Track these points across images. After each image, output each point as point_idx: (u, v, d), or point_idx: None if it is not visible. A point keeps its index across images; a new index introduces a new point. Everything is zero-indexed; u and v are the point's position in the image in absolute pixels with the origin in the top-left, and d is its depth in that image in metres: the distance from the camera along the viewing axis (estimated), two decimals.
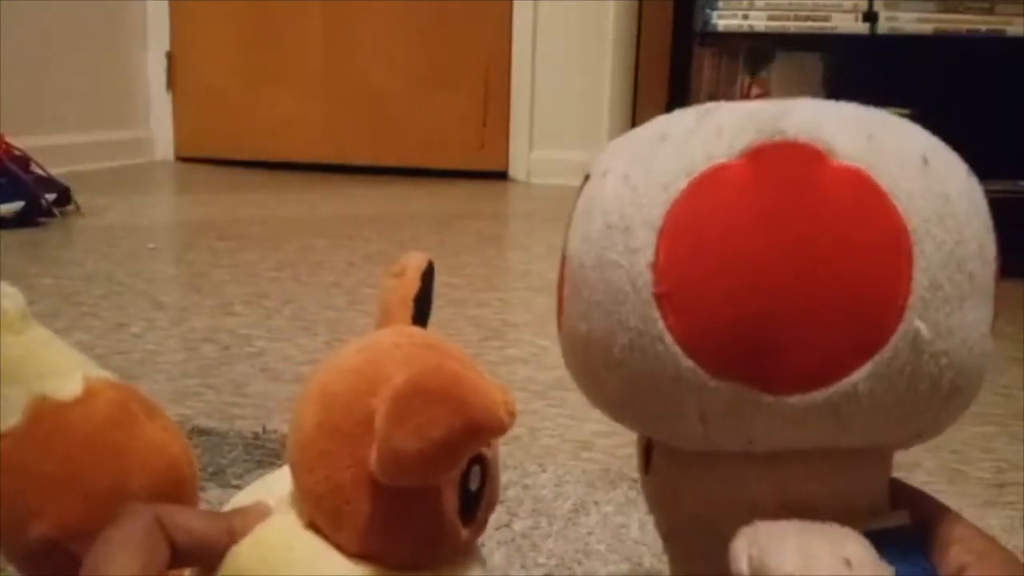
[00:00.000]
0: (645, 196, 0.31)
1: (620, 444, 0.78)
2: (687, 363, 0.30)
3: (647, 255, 0.31)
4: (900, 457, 0.36)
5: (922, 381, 0.30)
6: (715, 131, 0.31)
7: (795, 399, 0.30)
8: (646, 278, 0.30)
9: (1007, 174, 1.67)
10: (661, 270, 0.30)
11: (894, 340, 0.29)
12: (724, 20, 1.91)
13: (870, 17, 1.82)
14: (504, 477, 0.68)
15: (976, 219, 0.31)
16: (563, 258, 0.35)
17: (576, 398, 0.94)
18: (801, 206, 0.29)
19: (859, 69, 1.90)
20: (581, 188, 0.36)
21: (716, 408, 0.31)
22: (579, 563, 0.57)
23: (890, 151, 0.30)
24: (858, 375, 0.29)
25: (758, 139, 0.30)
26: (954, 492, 0.71)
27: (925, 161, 0.30)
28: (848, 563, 0.26)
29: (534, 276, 1.48)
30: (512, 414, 0.29)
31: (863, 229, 0.29)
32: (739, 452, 0.32)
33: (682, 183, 0.31)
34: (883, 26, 1.82)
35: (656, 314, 0.30)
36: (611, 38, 2.65)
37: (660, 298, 0.30)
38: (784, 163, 0.30)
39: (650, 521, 0.62)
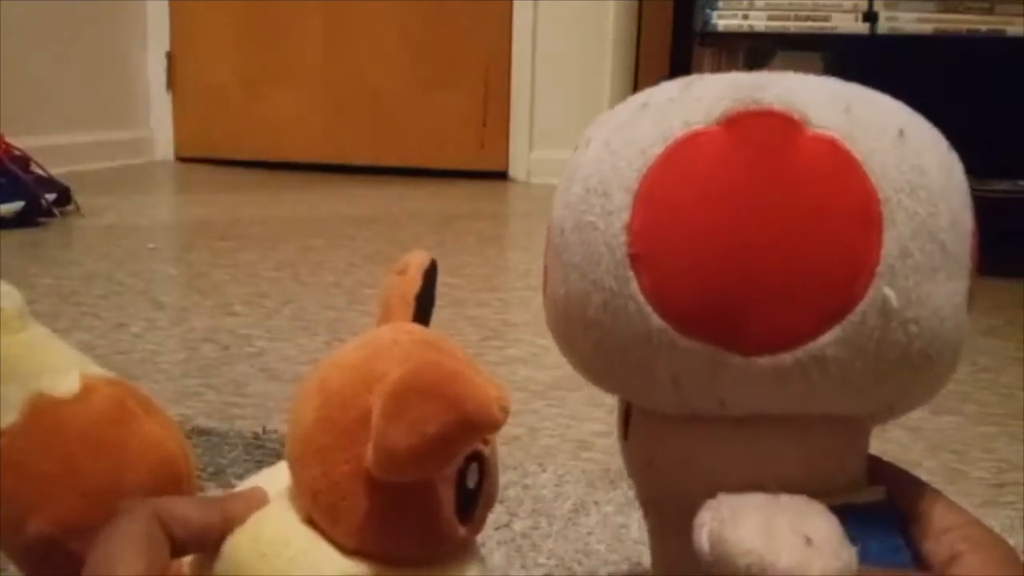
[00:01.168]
0: (623, 160, 0.32)
1: None
2: (658, 323, 0.31)
3: (623, 217, 0.31)
4: (900, 457, 0.36)
5: (891, 348, 0.30)
6: (694, 99, 0.32)
7: (764, 360, 0.30)
8: (621, 239, 0.31)
9: (1007, 174, 1.67)
10: (636, 232, 0.31)
11: (862, 306, 0.29)
12: (724, 20, 1.90)
13: (870, 17, 1.82)
14: (504, 477, 0.68)
15: (952, 192, 0.31)
16: (548, 227, 0.36)
17: (576, 398, 0.94)
18: (774, 172, 0.30)
19: (859, 69, 1.90)
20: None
21: (687, 369, 0.31)
22: (579, 563, 0.57)
23: (866, 122, 0.31)
24: (826, 339, 0.30)
25: (734, 107, 0.31)
26: (954, 492, 0.70)
27: (901, 133, 0.31)
28: (809, 541, 0.26)
29: (534, 276, 1.47)
30: (506, 410, 0.29)
31: (834, 196, 0.30)
32: (713, 416, 0.33)
33: (659, 148, 0.32)
34: (883, 26, 1.82)
35: (630, 274, 0.31)
36: (611, 38, 2.65)
37: (634, 259, 0.31)
38: (759, 130, 0.31)
39: None
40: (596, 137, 0.35)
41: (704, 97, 0.32)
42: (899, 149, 0.30)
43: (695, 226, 0.30)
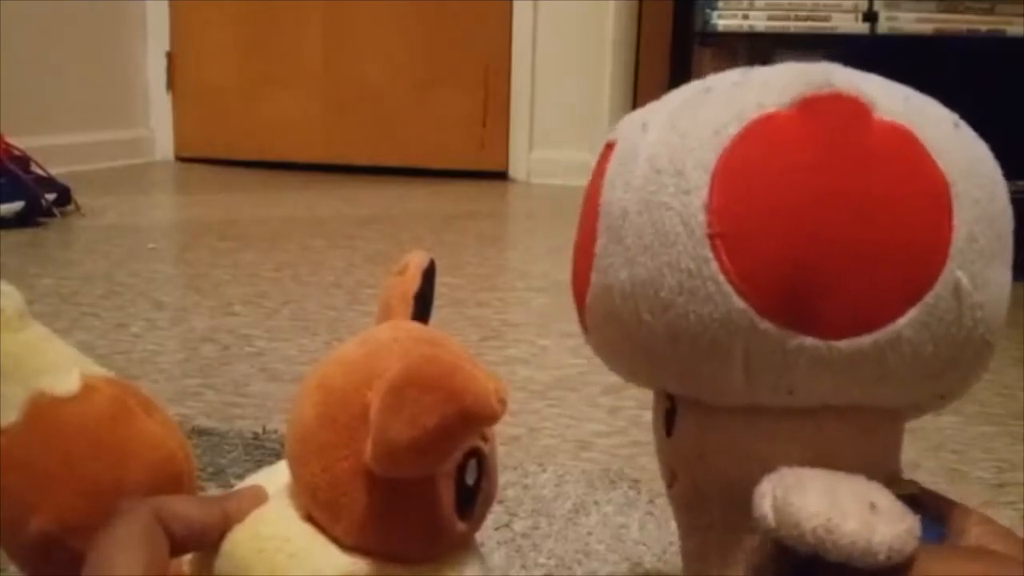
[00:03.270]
0: (695, 140, 0.32)
1: (620, 444, 0.78)
2: (739, 304, 0.30)
3: (701, 196, 0.31)
4: (900, 457, 0.36)
5: (960, 331, 0.31)
6: (762, 84, 0.32)
7: (843, 344, 0.30)
8: (699, 219, 0.31)
9: (1007, 174, 1.67)
10: (715, 210, 0.31)
11: (938, 287, 0.30)
12: (724, 20, 1.91)
13: (870, 17, 1.82)
14: (504, 477, 0.68)
15: (1000, 184, 0.32)
16: (590, 214, 0.35)
17: (576, 398, 0.94)
18: (851, 155, 0.30)
19: (859, 69, 1.90)
20: (604, 155, 0.36)
21: (762, 352, 0.31)
22: (579, 563, 0.57)
23: (926, 112, 0.32)
24: (904, 320, 0.30)
25: (807, 90, 0.31)
26: (954, 492, 0.70)
27: (956, 125, 0.32)
28: (873, 507, 0.26)
29: (534, 276, 1.48)
30: (504, 402, 0.29)
31: (909, 179, 0.30)
32: (774, 408, 0.32)
33: (734, 128, 0.31)
34: (883, 26, 1.82)
35: (709, 254, 0.31)
36: (611, 38, 2.65)
37: (714, 238, 0.30)
38: (833, 113, 0.31)
39: (650, 521, 0.62)
40: (654, 120, 0.34)
41: (774, 81, 0.32)
42: (957, 139, 0.31)
43: (775, 206, 0.30)
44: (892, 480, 0.34)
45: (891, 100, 0.31)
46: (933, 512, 0.33)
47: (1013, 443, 0.82)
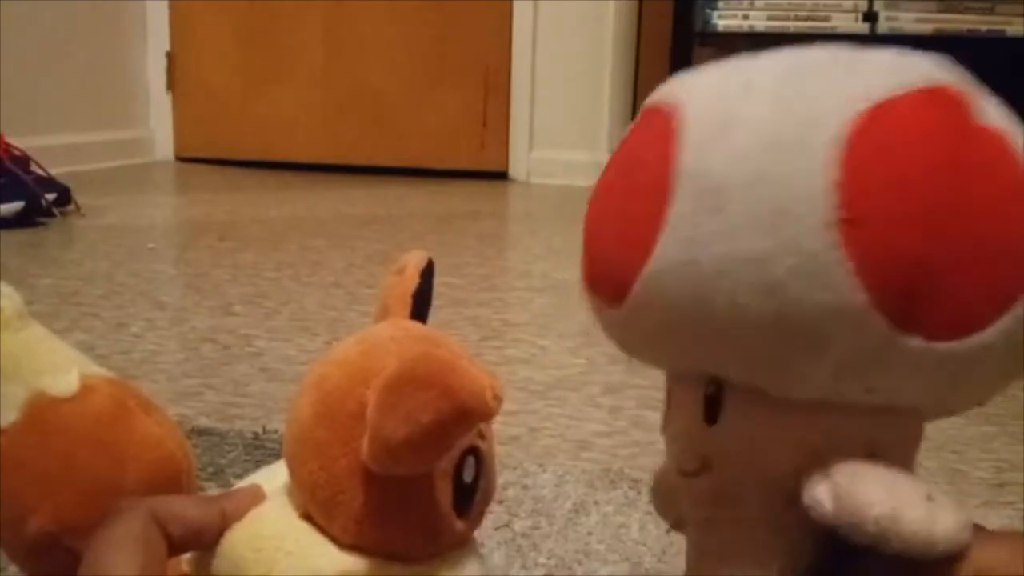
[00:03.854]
0: (822, 114, 0.30)
1: (620, 444, 0.78)
2: (857, 296, 0.28)
3: (830, 175, 0.29)
4: None
5: None
6: (882, 64, 0.31)
7: (941, 347, 0.29)
8: (829, 199, 0.28)
9: None
10: (847, 192, 0.29)
11: None
12: (724, 20, 1.91)
13: (870, 17, 1.82)
14: (504, 477, 0.68)
15: None
16: (664, 179, 0.32)
17: (576, 398, 0.94)
18: (976, 150, 0.29)
19: None
20: (652, 121, 0.34)
21: (862, 348, 0.29)
22: (579, 563, 0.57)
23: (1015, 120, 0.31)
24: (996, 326, 0.29)
25: (930, 79, 0.30)
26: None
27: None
28: (931, 498, 0.26)
29: (534, 276, 1.48)
30: (498, 399, 0.29)
31: (1014, 183, 0.30)
32: (842, 403, 0.31)
33: (863, 106, 0.29)
34: (883, 26, 1.82)
35: (838, 238, 0.28)
36: (611, 38, 2.65)
37: (843, 223, 0.28)
38: (959, 107, 0.30)
39: (650, 521, 0.62)
40: (762, 86, 0.31)
41: (891, 64, 0.30)
42: None
43: (907, 194, 0.28)
44: None
45: (989, 106, 0.31)
46: None
47: (1013, 443, 0.82)
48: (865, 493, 0.26)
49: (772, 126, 0.30)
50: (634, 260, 0.33)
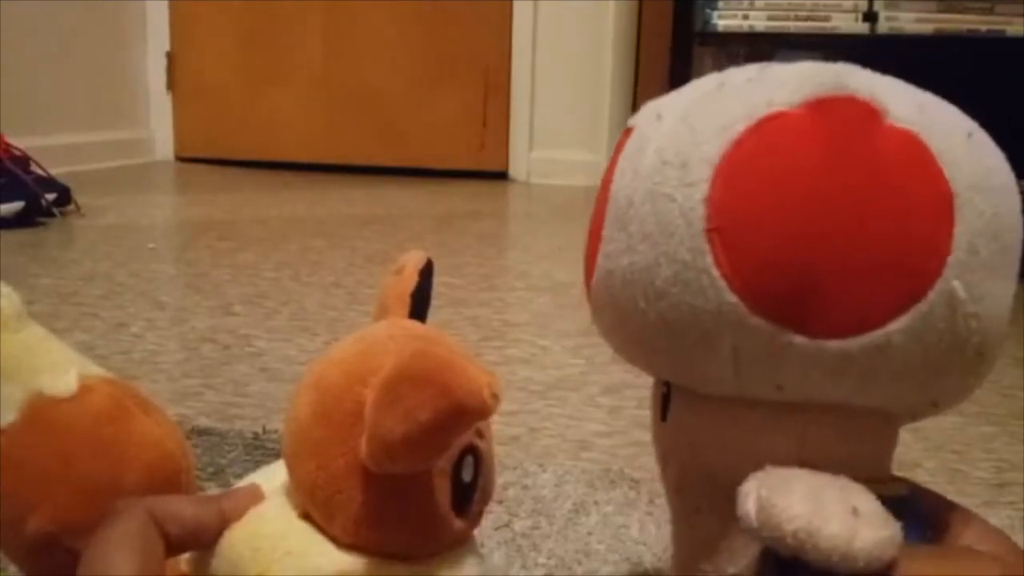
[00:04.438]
0: (703, 135, 0.32)
1: (620, 444, 0.78)
2: (730, 298, 0.31)
3: (702, 190, 0.31)
4: (900, 457, 0.36)
5: (952, 341, 0.31)
6: (776, 82, 0.32)
7: (832, 344, 0.30)
8: (699, 212, 0.31)
9: None
10: (715, 205, 0.31)
11: (932, 295, 0.30)
12: (724, 20, 1.91)
13: (870, 17, 1.82)
14: (504, 477, 0.68)
15: (1011, 196, 0.32)
16: (602, 197, 0.36)
17: (576, 398, 0.94)
18: (857, 158, 0.30)
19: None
20: (621, 141, 0.37)
21: (750, 347, 0.31)
22: (579, 563, 0.57)
23: (939, 121, 0.32)
24: (895, 326, 0.30)
25: (819, 91, 0.31)
26: (954, 492, 0.71)
27: (970, 135, 0.32)
28: (856, 511, 0.26)
29: (534, 276, 1.47)
30: (496, 397, 0.29)
31: (912, 187, 0.30)
32: (763, 401, 0.33)
33: (742, 125, 0.31)
34: (883, 26, 1.82)
35: (706, 247, 0.31)
36: (611, 38, 2.65)
37: (712, 233, 0.31)
38: (844, 115, 0.31)
39: (650, 521, 0.62)
40: (670, 112, 0.34)
41: (787, 80, 0.32)
42: (968, 149, 0.31)
43: (776, 203, 0.30)
44: (883, 479, 0.34)
45: (905, 107, 0.31)
46: (925, 512, 0.33)
47: (1013, 443, 0.82)
48: (786, 507, 0.26)
49: (666, 149, 0.33)
50: (588, 272, 0.37)
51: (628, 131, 0.37)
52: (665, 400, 0.37)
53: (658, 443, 0.39)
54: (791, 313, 0.30)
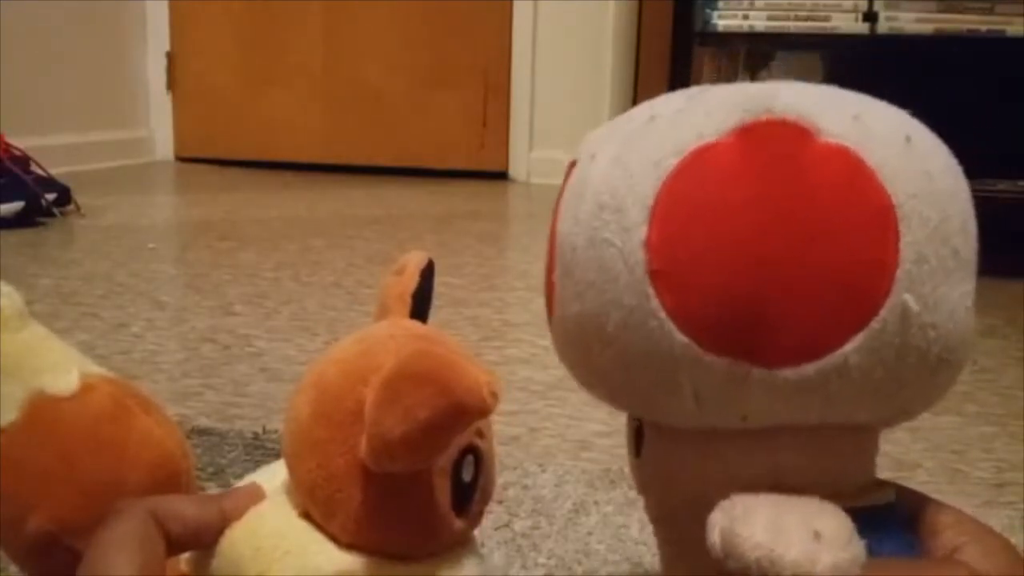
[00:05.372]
0: (636, 175, 0.32)
1: (620, 444, 0.78)
2: (681, 339, 0.30)
3: (640, 233, 0.31)
4: (900, 457, 0.36)
5: (911, 354, 0.30)
6: (704, 111, 0.32)
7: (787, 372, 0.30)
8: (639, 256, 0.31)
9: (1007, 174, 1.67)
10: (654, 248, 0.31)
11: (883, 313, 0.30)
12: (724, 20, 1.90)
13: (870, 17, 1.82)
14: (504, 477, 0.68)
15: (959, 196, 0.32)
16: (552, 242, 0.36)
17: (576, 398, 0.94)
18: (789, 183, 0.30)
19: (859, 69, 1.90)
20: (568, 174, 0.36)
21: (710, 384, 0.31)
22: (579, 563, 0.57)
23: (875, 130, 0.31)
24: (849, 347, 0.30)
25: (746, 118, 0.31)
26: (954, 492, 0.71)
27: (908, 140, 0.31)
28: (818, 535, 0.26)
29: (534, 276, 1.47)
30: (495, 396, 0.29)
31: (850, 205, 0.30)
32: (732, 430, 0.33)
33: (672, 162, 0.31)
34: (883, 26, 1.82)
35: (650, 291, 0.31)
36: (611, 38, 2.65)
37: (654, 275, 0.31)
38: (772, 140, 0.30)
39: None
40: (603, 151, 0.34)
41: (714, 109, 0.32)
42: (907, 156, 0.31)
43: (713, 239, 0.30)
44: (866, 488, 0.34)
45: (837, 120, 0.31)
46: (910, 517, 0.33)
47: (1013, 443, 0.82)
48: (748, 536, 0.27)
49: (602, 192, 0.33)
50: (548, 312, 0.37)
51: (572, 164, 0.36)
52: (638, 435, 0.37)
53: (635, 476, 0.39)
54: (744, 346, 0.30)
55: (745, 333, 0.30)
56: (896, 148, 0.31)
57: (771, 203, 0.30)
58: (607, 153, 0.34)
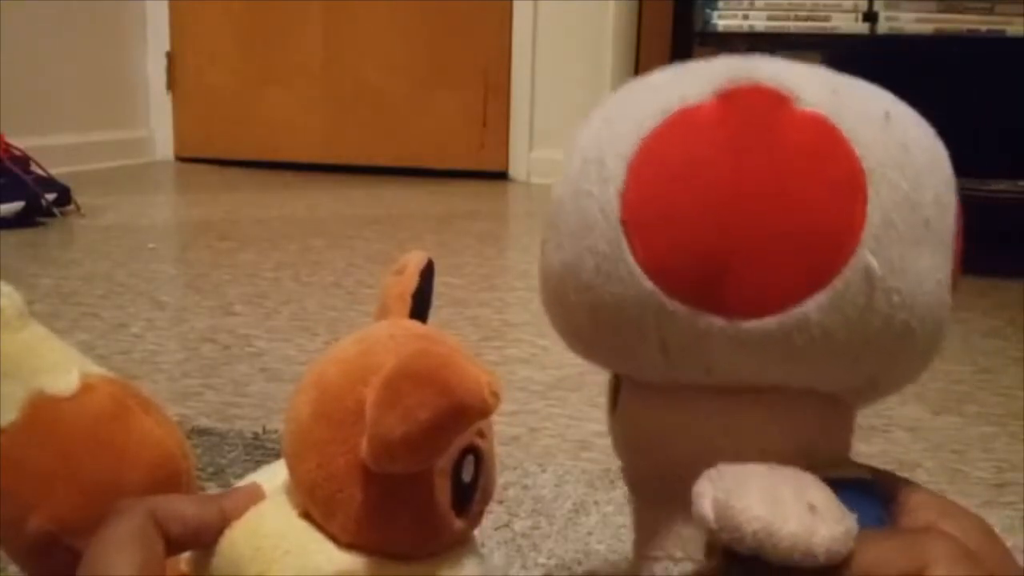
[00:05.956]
0: (620, 131, 0.33)
1: None
2: (648, 285, 0.32)
3: (617, 184, 0.33)
4: (900, 457, 0.36)
5: (874, 317, 0.31)
6: (692, 77, 0.34)
7: (750, 324, 0.31)
8: (614, 205, 0.33)
9: (1007, 174, 1.67)
10: (628, 198, 0.32)
11: (846, 272, 0.30)
12: (724, 20, 1.90)
13: (870, 17, 1.82)
14: (504, 477, 0.68)
15: (936, 172, 0.33)
16: (549, 203, 0.38)
17: (576, 398, 0.94)
18: (763, 143, 0.31)
19: (859, 69, 1.90)
20: None
21: (674, 333, 0.32)
22: (579, 563, 0.57)
23: (853, 103, 0.32)
24: (811, 303, 0.30)
25: (728, 83, 0.32)
26: (954, 492, 0.71)
27: (887, 116, 0.32)
28: (812, 508, 0.27)
29: (534, 276, 1.47)
30: (496, 395, 0.29)
31: (820, 166, 0.31)
32: (698, 386, 0.33)
33: (654, 121, 0.33)
34: (883, 26, 1.82)
35: (622, 239, 0.32)
36: (611, 38, 2.65)
37: (626, 224, 0.32)
38: (751, 104, 0.32)
39: None
40: (595, 115, 0.36)
41: (701, 75, 0.33)
42: (884, 129, 0.32)
43: (684, 191, 0.31)
44: (839, 463, 0.34)
45: (816, 92, 0.32)
46: (886, 493, 0.33)
47: (1013, 443, 0.82)
48: (743, 508, 0.27)
49: (588, 148, 0.34)
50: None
51: None
52: (615, 391, 0.38)
53: (611, 433, 0.40)
54: (707, 296, 0.31)
55: (709, 283, 0.31)
56: (873, 121, 0.32)
57: (743, 161, 0.31)
58: (598, 116, 0.36)
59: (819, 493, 0.28)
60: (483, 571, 0.35)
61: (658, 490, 0.36)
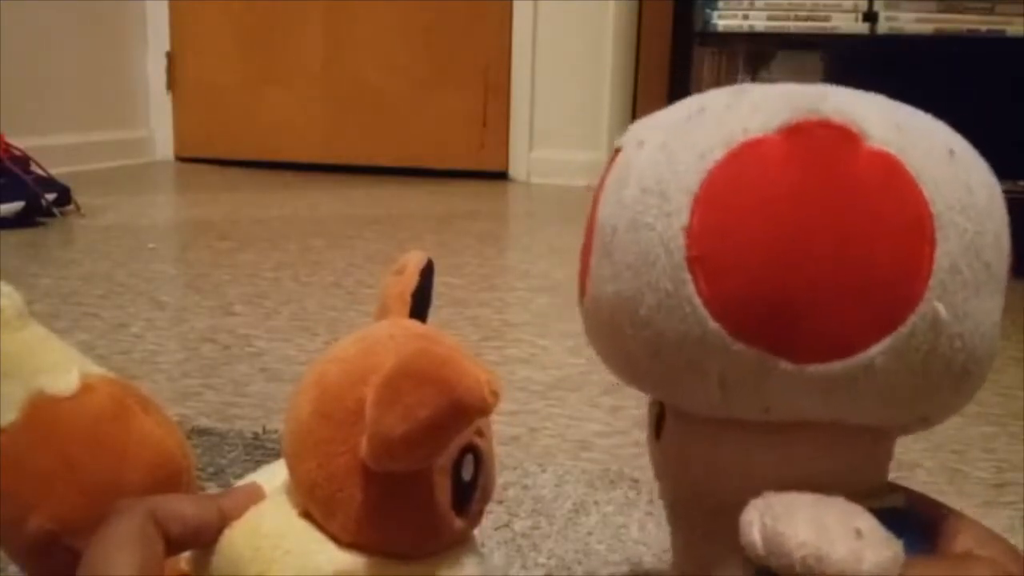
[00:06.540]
0: (682, 163, 0.32)
1: (620, 444, 0.78)
2: (713, 326, 0.31)
3: (682, 219, 0.32)
4: (900, 457, 0.36)
5: (937, 361, 0.31)
6: (751, 107, 0.33)
7: (814, 368, 0.30)
8: (679, 241, 0.32)
9: (1007, 174, 1.67)
10: (695, 234, 0.31)
11: (913, 318, 0.30)
12: (724, 20, 1.91)
13: (870, 17, 1.82)
14: (504, 477, 0.68)
15: (995, 212, 0.32)
16: (590, 226, 0.36)
17: (576, 398, 0.94)
18: (833, 183, 0.30)
19: (859, 69, 1.90)
20: (611, 161, 0.37)
21: (736, 372, 0.32)
22: (579, 563, 0.57)
23: (919, 140, 0.32)
24: (876, 349, 0.30)
25: (795, 117, 0.31)
26: (954, 492, 0.71)
27: (951, 153, 0.32)
28: (859, 533, 0.27)
29: (534, 276, 1.47)
30: (495, 394, 0.29)
31: (890, 210, 0.30)
32: (753, 421, 0.33)
33: (719, 153, 0.32)
34: (883, 26, 1.82)
35: (687, 276, 0.31)
36: (611, 38, 2.65)
37: (692, 261, 0.31)
38: (819, 141, 0.31)
39: (650, 521, 0.62)
40: (651, 139, 0.35)
41: (762, 106, 0.32)
42: (950, 168, 0.31)
43: (754, 231, 0.30)
44: (878, 491, 0.34)
45: (883, 128, 0.31)
46: (922, 520, 0.33)
47: (1013, 443, 0.82)
48: (792, 535, 0.27)
49: (646, 177, 0.33)
50: (580, 293, 0.38)
51: (617, 151, 0.37)
52: (659, 419, 0.38)
53: (653, 460, 0.40)
54: (774, 339, 0.30)
55: (776, 325, 0.30)
56: (939, 159, 0.31)
57: (813, 201, 0.30)
58: (654, 141, 0.34)
59: (864, 519, 0.28)
60: (483, 571, 0.35)
61: (702, 518, 0.35)
